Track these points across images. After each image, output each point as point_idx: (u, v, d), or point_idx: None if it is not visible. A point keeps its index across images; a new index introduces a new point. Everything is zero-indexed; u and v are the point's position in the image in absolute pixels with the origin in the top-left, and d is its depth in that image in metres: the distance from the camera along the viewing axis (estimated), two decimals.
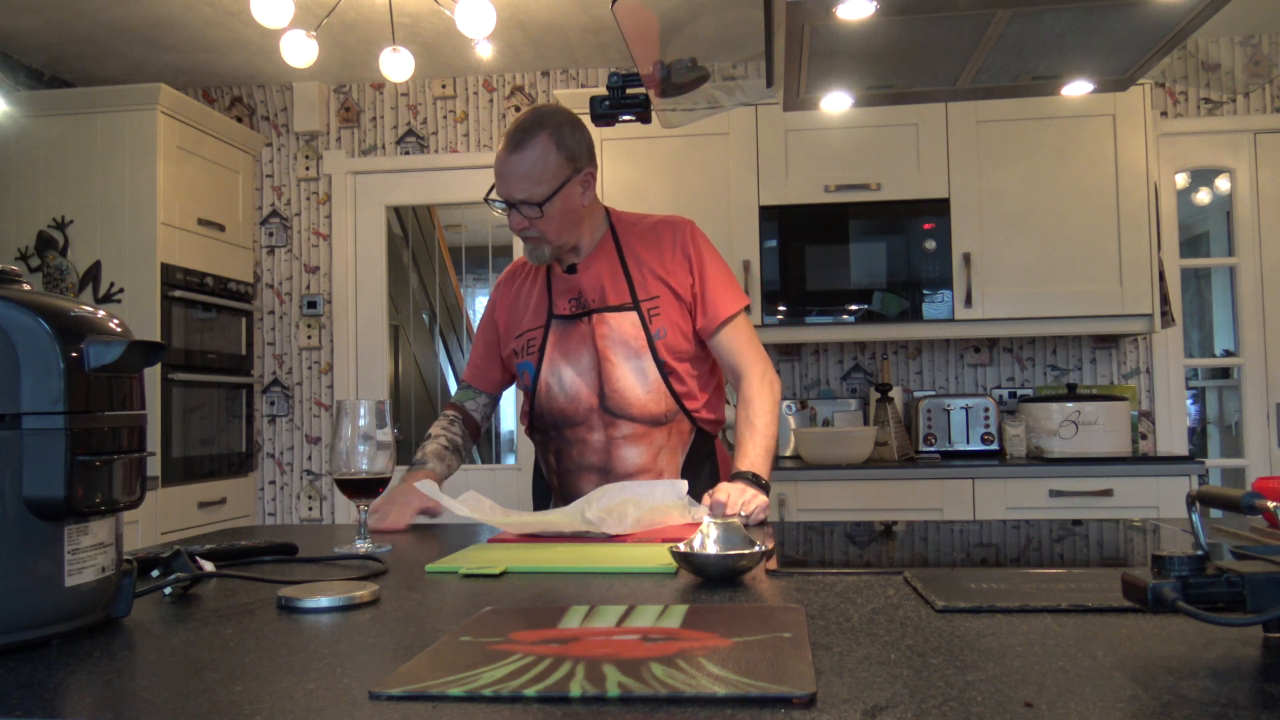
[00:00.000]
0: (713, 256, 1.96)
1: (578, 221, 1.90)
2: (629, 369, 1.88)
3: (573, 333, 1.91)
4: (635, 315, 1.88)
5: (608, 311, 1.89)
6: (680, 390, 1.91)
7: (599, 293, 1.91)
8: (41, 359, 0.88)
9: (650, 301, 1.89)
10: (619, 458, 1.91)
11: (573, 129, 1.86)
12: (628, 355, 1.88)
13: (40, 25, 3.75)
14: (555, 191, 1.82)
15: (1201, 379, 4.72)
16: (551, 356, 1.91)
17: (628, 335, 1.88)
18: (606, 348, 1.88)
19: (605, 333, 1.88)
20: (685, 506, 1.65)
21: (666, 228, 1.97)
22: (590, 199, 1.91)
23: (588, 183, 1.89)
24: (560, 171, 1.83)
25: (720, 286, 1.93)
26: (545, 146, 1.81)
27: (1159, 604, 0.77)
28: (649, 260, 1.92)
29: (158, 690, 0.75)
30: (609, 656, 0.78)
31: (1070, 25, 1.30)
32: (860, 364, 4.13)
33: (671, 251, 1.93)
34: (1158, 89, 4.03)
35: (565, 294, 1.93)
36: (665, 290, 1.90)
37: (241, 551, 1.38)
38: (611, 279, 1.91)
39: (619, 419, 1.89)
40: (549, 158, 1.81)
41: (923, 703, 0.67)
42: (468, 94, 4.42)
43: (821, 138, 3.75)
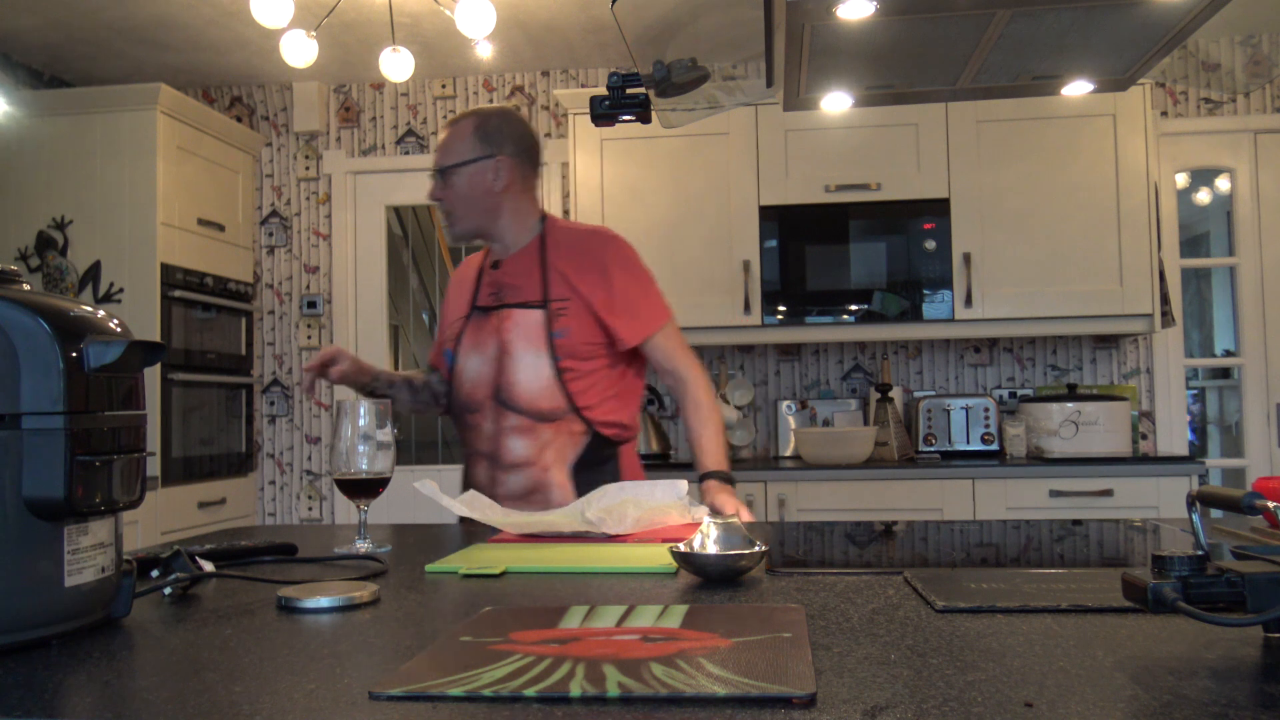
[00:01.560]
0: (633, 271, 2.05)
1: (491, 207, 2.03)
2: (525, 364, 1.95)
3: (485, 325, 2.01)
4: (541, 314, 1.97)
5: (516, 308, 1.98)
6: (573, 390, 1.95)
7: (515, 290, 2.01)
8: (41, 359, 0.88)
9: (559, 303, 1.97)
10: (505, 448, 1.97)
11: (502, 121, 2.04)
12: (526, 351, 1.96)
13: (40, 25, 3.75)
14: (460, 164, 2.00)
15: (1201, 379, 4.72)
16: (465, 345, 2.03)
17: (530, 332, 1.96)
18: (509, 342, 1.97)
19: (510, 327, 1.97)
20: (685, 506, 1.65)
21: (592, 239, 2.07)
22: (504, 187, 2.02)
23: (501, 170, 2.01)
24: (471, 150, 2.00)
25: (642, 300, 2.03)
26: (466, 127, 2.02)
27: (1159, 604, 0.77)
28: (565, 267, 2.00)
29: (158, 690, 0.75)
30: (609, 656, 0.78)
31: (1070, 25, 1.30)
32: (860, 364, 4.13)
33: (589, 262, 2.01)
34: (1158, 89, 4.03)
35: (488, 287, 2.05)
36: (575, 296, 1.98)
37: (241, 551, 1.38)
38: (528, 278, 2.01)
39: (508, 410, 1.96)
40: (465, 137, 2.02)
41: (923, 703, 0.67)
42: (468, 94, 4.42)
43: (821, 138, 3.75)
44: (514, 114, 2.08)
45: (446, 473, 4.41)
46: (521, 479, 1.95)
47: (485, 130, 2.01)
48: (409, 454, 4.60)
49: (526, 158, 2.06)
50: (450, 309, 2.14)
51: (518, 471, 1.95)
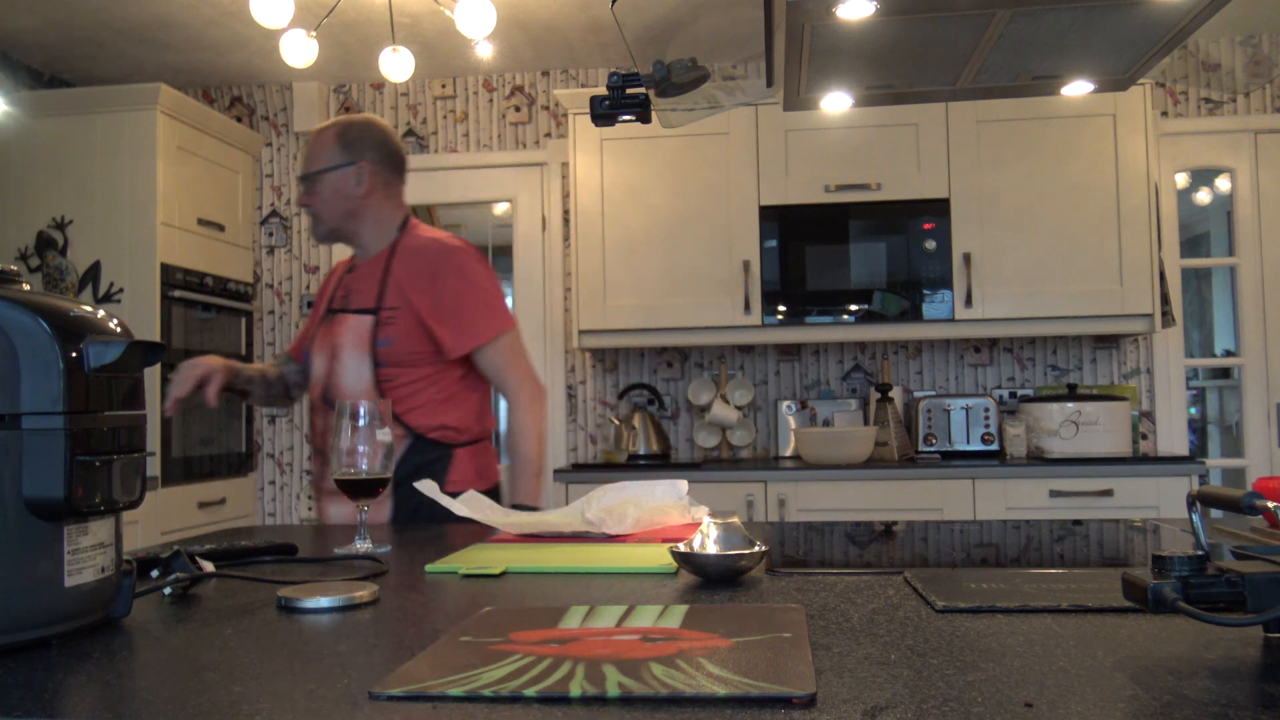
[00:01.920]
0: (468, 281, 2.08)
1: (353, 212, 2.12)
2: (349, 367, 2.04)
3: (330, 326, 2.11)
4: (371, 320, 2.05)
5: (353, 313, 2.07)
6: (391, 396, 2.01)
7: (357, 294, 2.10)
8: (41, 359, 0.88)
9: (389, 311, 2.04)
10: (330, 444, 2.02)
11: (364, 129, 2.13)
12: (352, 355, 2.05)
13: (40, 25, 3.75)
14: (323, 170, 2.10)
15: (1202, 379, 4.72)
16: (316, 345, 2.13)
17: (358, 337, 2.05)
18: (340, 344, 2.07)
19: (342, 331, 2.07)
20: (685, 506, 1.65)
21: (432, 248, 2.11)
22: (365, 193, 2.11)
23: (363, 177, 2.10)
24: (333, 157, 2.10)
25: (473, 311, 2.07)
26: (328, 136, 2.13)
27: (1159, 604, 0.77)
28: (403, 276, 2.07)
29: (158, 690, 0.75)
30: (609, 656, 0.78)
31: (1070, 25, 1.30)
32: (860, 364, 4.13)
33: (423, 271, 2.07)
34: (1158, 89, 4.03)
35: (341, 289, 2.15)
36: (405, 306, 2.04)
37: (241, 551, 1.38)
38: (370, 284, 2.09)
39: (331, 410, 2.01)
40: (328, 144, 2.12)
41: (923, 703, 0.67)
42: (468, 94, 4.42)
43: (821, 138, 3.75)
44: (376, 122, 2.17)
45: None
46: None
47: (347, 138, 2.11)
48: None
49: (388, 164, 2.14)
50: (317, 306, 2.24)
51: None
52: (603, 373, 4.26)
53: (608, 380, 4.26)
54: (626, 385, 4.18)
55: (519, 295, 4.39)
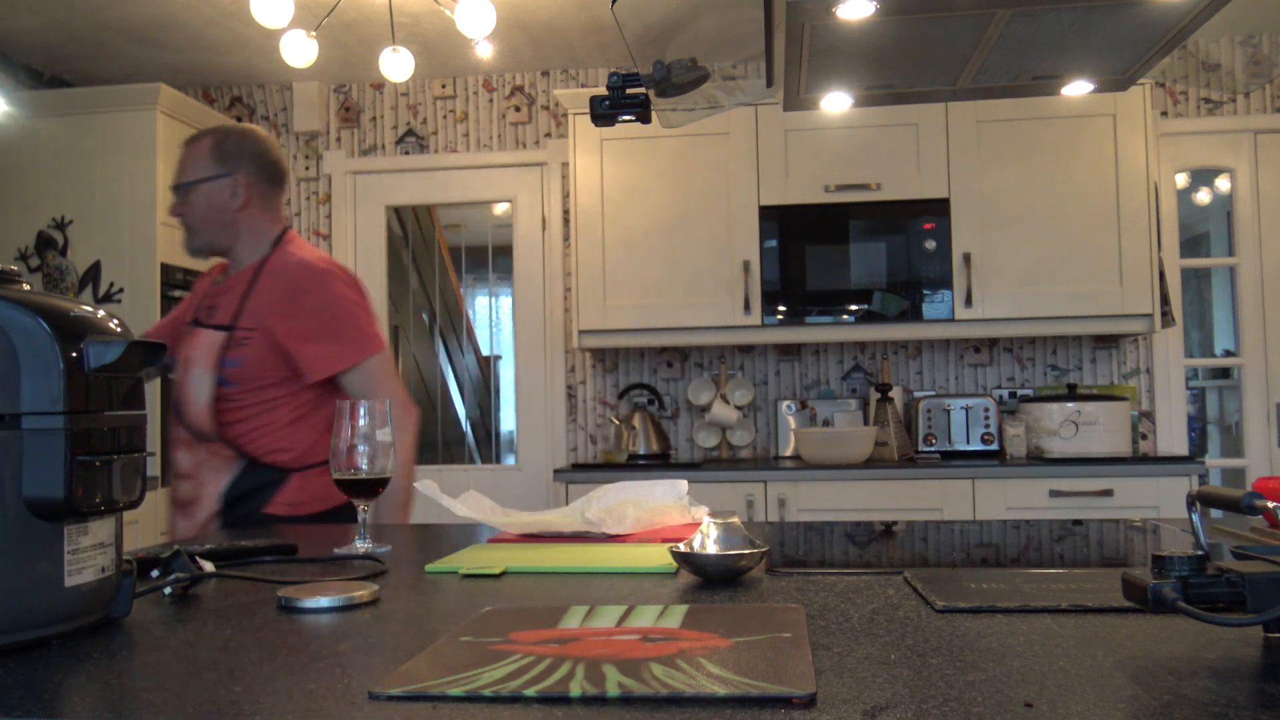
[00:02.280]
0: (332, 306, 2.03)
1: (227, 224, 2.08)
2: (195, 384, 2.02)
3: (192, 340, 2.08)
4: (224, 338, 2.01)
5: (209, 328, 2.04)
6: (226, 419, 2.00)
7: (218, 310, 2.07)
8: (41, 359, 0.88)
9: (244, 332, 2.00)
10: (176, 456, 2.08)
11: (240, 140, 2.09)
12: (200, 371, 2.02)
13: (40, 25, 3.75)
14: (197, 181, 2.06)
15: (1201, 379, 4.72)
16: (181, 360, 2.09)
17: (207, 355, 2.01)
18: (191, 360, 2.04)
19: (196, 345, 2.05)
20: (685, 506, 1.65)
21: (299, 270, 2.05)
22: (241, 205, 2.07)
23: (238, 190, 2.06)
24: (208, 167, 2.06)
25: (334, 335, 2.02)
26: (204, 146, 2.07)
27: (1159, 604, 0.77)
28: (265, 296, 2.02)
29: (158, 690, 0.75)
30: (609, 656, 0.78)
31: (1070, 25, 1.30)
32: (860, 364, 4.13)
33: (285, 293, 2.02)
34: (1158, 89, 4.03)
35: (208, 300, 2.12)
36: (261, 327, 1.99)
37: (241, 551, 1.38)
38: (231, 300, 2.05)
39: (180, 424, 2.07)
40: (203, 155, 2.07)
41: (923, 703, 0.67)
42: (468, 94, 4.42)
43: (821, 138, 3.75)
44: (255, 133, 2.12)
45: (446, 473, 4.41)
46: (186, 488, 2.05)
47: (223, 149, 2.06)
48: None
49: (266, 177, 2.10)
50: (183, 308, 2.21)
51: (182, 480, 2.06)
52: (603, 373, 4.26)
53: (608, 380, 4.26)
54: (626, 385, 4.18)
55: (519, 295, 4.39)
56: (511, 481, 4.38)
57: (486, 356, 4.92)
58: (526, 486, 4.34)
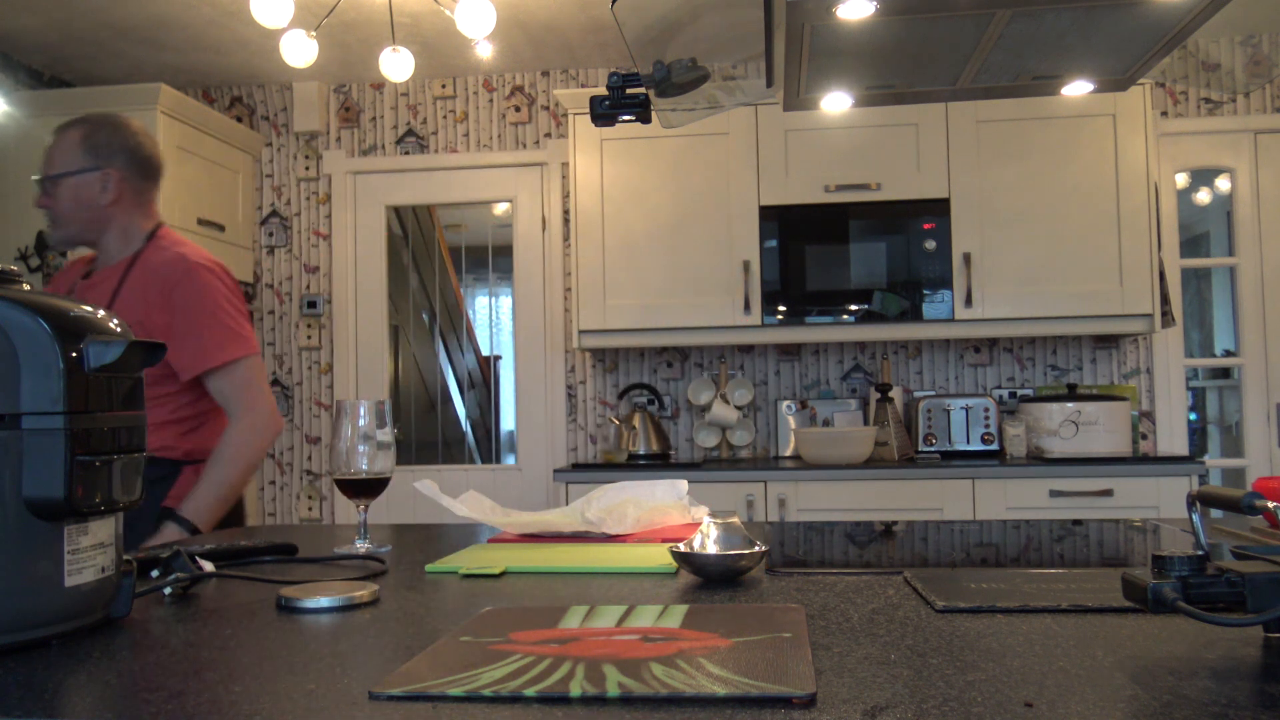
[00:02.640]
0: (203, 303, 1.99)
1: (96, 219, 2.03)
2: None
3: None
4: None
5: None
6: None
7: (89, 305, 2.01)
8: (41, 359, 0.88)
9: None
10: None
11: (113, 132, 2.01)
12: None
13: (40, 25, 3.75)
14: (65, 174, 2.00)
15: (1201, 379, 4.72)
16: None
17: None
18: None
19: None
20: (685, 506, 1.65)
21: (170, 266, 2.01)
22: (111, 200, 2.02)
23: (109, 184, 2.01)
24: (76, 160, 1.99)
25: (204, 333, 1.98)
26: (73, 137, 2.01)
27: (1159, 604, 0.77)
28: (139, 291, 1.99)
29: (158, 690, 0.75)
30: (609, 656, 0.78)
31: (1070, 25, 1.30)
32: (860, 364, 4.13)
33: (158, 289, 1.99)
34: (1158, 89, 4.03)
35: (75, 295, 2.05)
36: (135, 323, 1.94)
37: (241, 551, 1.38)
38: (102, 294, 1.99)
39: None
40: (71, 146, 2.00)
41: (923, 703, 0.67)
42: (468, 94, 4.42)
43: (821, 138, 3.75)
44: (129, 125, 2.06)
45: (446, 473, 4.41)
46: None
47: (94, 141, 2.00)
48: (409, 454, 4.60)
49: (139, 171, 2.05)
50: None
51: None
52: (603, 373, 4.26)
53: (608, 380, 4.26)
54: (626, 385, 4.18)
55: (519, 295, 4.39)
56: (511, 481, 4.38)
57: (486, 356, 4.92)
58: (526, 486, 4.34)
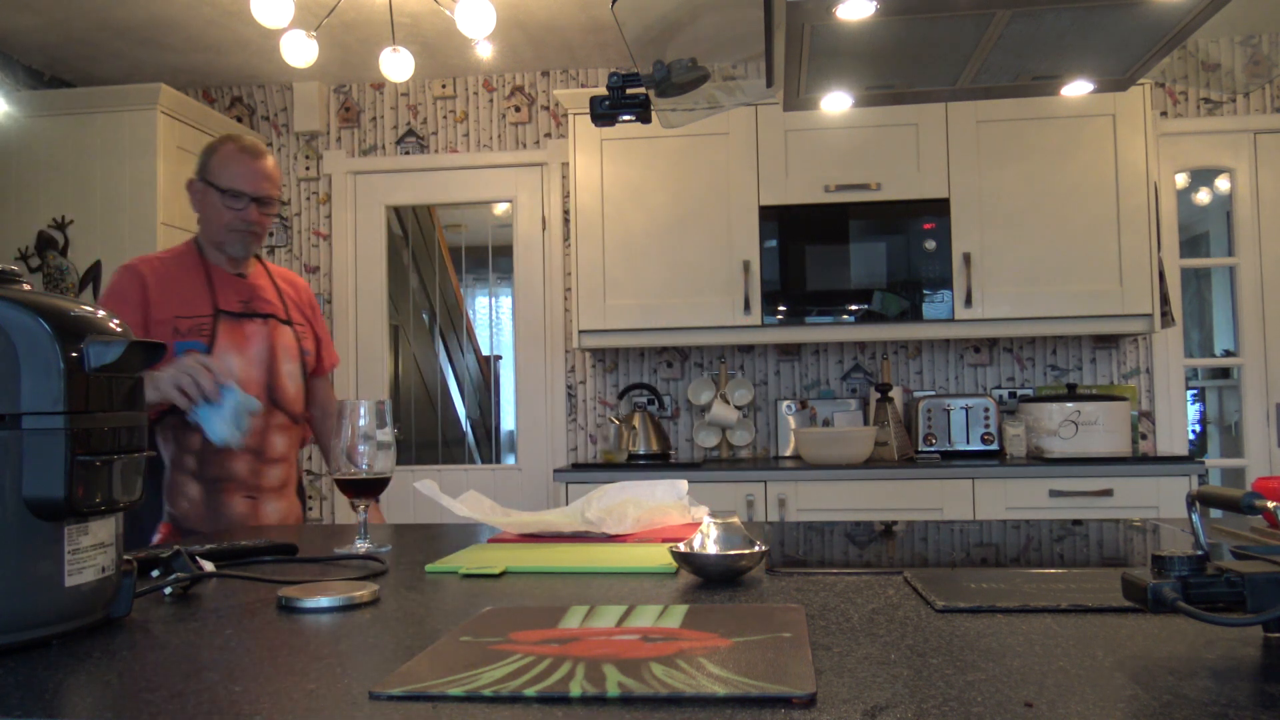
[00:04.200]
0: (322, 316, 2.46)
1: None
2: (289, 371, 2.23)
3: (241, 329, 2.17)
4: (292, 331, 2.27)
5: (279, 321, 2.24)
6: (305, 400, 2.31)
7: (266, 302, 2.24)
8: (41, 359, 0.88)
9: (300, 326, 2.31)
10: (270, 443, 2.19)
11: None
12: (288, 360, 2.23)
13: (40, 25, 3.75)
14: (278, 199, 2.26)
15: (1201, 379, 4.72)
16: (222, 343, 2.13)
17: (290, 345, 2.25)
18: (279, 350, 2.21)
19: (279, 338, 2.22)
20: (685, 506, 1.65)
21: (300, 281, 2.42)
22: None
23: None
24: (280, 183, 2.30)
25: (330, 342, 2.46)
26: (275, 162, 2.26)
27: (1159, 604, 0.77)
28: (291, 294, 2.33)
29: (158, 690, 0.75)
30: (609, 656, 0.78)
31: (1070, 25, 1.30)
32: (860, 364, 4.13)
33: (304, 299, 2.37)
34: (1158, 89, 4.03)
35: (234, 294, 2.19)
36: (307, 325, 2.34)
37: (241, 551, 1.38)
38: (271, 294, 2.26)
39: (278, 409, 2.20)
40: (278, 171, 2.27)
41: (923, 703, 0.67)
42: (468, 94, 4.42)
43: (821, 138, 3.75)
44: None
45: (446, 473, 4.41)
46: (279, 471, 2.22)
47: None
48: (409, 454, 4.60)
49: None
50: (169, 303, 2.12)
51: (277, 464, 2.22)
52: (603, 373, 4.26)
53: (608, 380, 4.26)
54: (626, 385, 4.18)
55: (519, 295, 4.39)
56: (511, 481, 4.38)
57: (486, 356, 4.92)
58: (526, 486, 4.34)
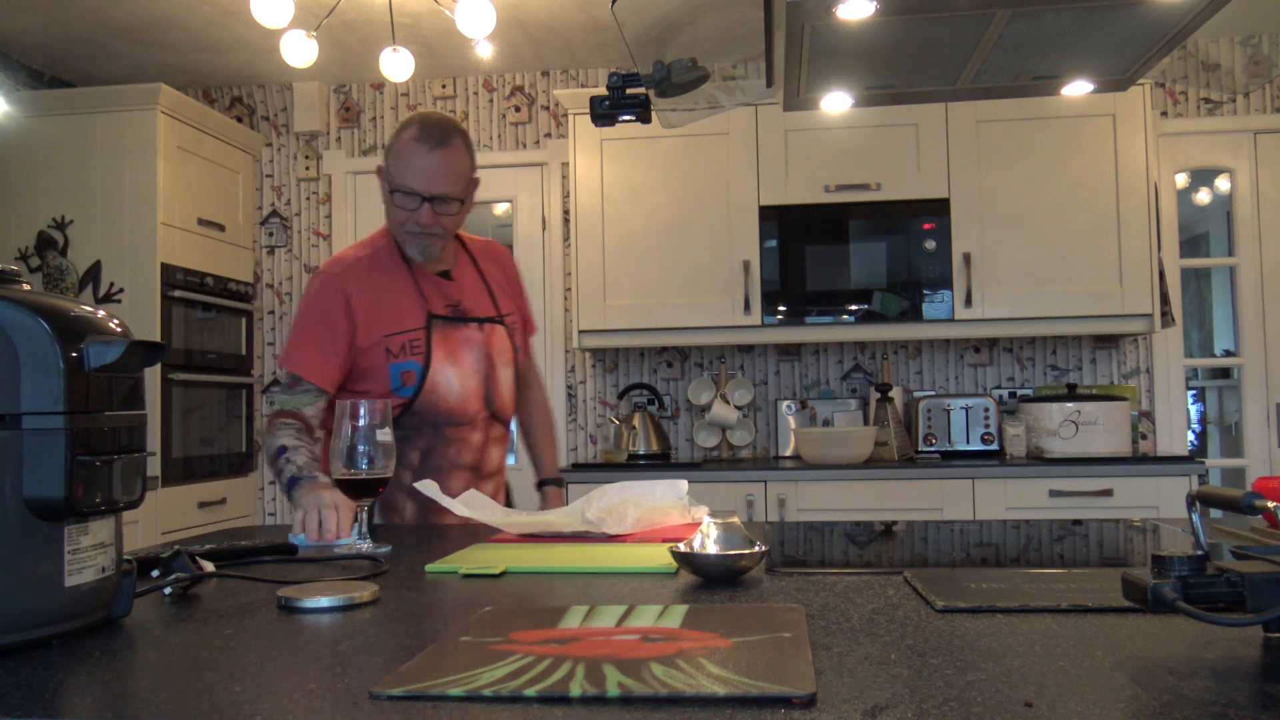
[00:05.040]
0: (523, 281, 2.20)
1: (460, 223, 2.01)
2: (505, 377, 2.02)
3: (453, 336, 1.94)
4: (503, 329, 2.03)
5: (491, 322, 2.01)
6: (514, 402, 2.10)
7: (476, 302, 2.01)
8: (41, 359, 0.88)
9: (510, 318, 2.06)
10: (489, 456, 2.02)
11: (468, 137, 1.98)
12: (504, 364, 2.01)
13: (40, 25, 3.75)
14: (468, 192, 1.93)
15: (1201, 379, 4.72)
16: (438, 356, 1.91)
17: (504, 346, 2.02)
18: (495, 355, 1.99)
19: (494, 342, 2.00)
20: (685, 506, 1.65)
21: (501, 251, 2.16)
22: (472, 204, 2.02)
23: (475, 189, 1.99)
24: (470, 174, 1.93)
25: (531, 312, 2.20)
26: (463, 149, 1.90)
27: (1159, 604, 0.77)
28: (499, 280, 2.08)
29: (158, 690, 0.75)
30: (609, 656, 0.78)
31: (1070, 25, 1.30)
32: (860, 364, 4.13)
33: (511, 275, 2.14)
34: (1158, 89, 4.03)
35: (442, 298, 1.96)
36: (516, 311, 2.10)
37: (241, 551, 1.38)
38: (477, 291, 2.02)
39: (496, 421, 2.02)
40: (466, 159, 1.91)
41: (923, 703, 0.67)
42: (468, 94, 4.42)
43: (821, 138, 3.75)
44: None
45: None
46: (492, 485, 2.03)
47: (471, 151, 1.92)
48: None
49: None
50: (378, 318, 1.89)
51: (493, 479, 2.04)
52: (603, 373, 4.26)
53: (608, 380, 4.26)
54: (626, 385, 4.18)
55: None
56: (511, 481, 4.37)
57: None
58: (527, 486, 4.34)
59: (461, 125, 1.94)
